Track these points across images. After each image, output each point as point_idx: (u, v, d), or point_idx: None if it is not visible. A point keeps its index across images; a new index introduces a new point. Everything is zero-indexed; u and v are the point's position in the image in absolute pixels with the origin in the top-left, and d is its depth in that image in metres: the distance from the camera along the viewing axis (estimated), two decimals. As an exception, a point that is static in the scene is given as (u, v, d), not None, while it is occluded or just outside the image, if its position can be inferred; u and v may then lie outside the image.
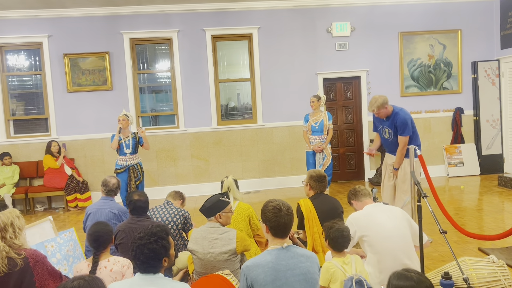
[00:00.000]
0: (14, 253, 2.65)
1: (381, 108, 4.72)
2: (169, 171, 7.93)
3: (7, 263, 2.60)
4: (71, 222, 6.53)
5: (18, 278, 2.62)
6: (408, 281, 1.95)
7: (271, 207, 2.48)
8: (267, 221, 2.48)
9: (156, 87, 8.31)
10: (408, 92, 8.36)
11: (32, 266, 2.68)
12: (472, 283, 3.14)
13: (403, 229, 3.25)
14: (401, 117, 4.68)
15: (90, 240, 2.99)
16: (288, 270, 2.36)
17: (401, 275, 1.99)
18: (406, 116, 4.68)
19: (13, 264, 2.62)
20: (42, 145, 7.57)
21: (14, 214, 2.79)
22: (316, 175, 4.03)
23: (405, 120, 4.65)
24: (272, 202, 2.52)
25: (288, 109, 8.09)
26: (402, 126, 4.66)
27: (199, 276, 3.24)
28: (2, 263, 2.59)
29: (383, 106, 4.71)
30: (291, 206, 2.56)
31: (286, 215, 2.46)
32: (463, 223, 5.30)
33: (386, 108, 4.73)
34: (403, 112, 4.72)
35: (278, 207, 2.46)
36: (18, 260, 2.63)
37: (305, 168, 7.22)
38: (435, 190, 4.19)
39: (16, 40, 7.57)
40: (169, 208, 4.12)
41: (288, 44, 8.07)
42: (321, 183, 3.99)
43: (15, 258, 2.63)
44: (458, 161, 8.37)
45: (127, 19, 7.71)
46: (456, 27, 8.34)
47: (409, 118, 4.71)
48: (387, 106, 4.73)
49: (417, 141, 4.80)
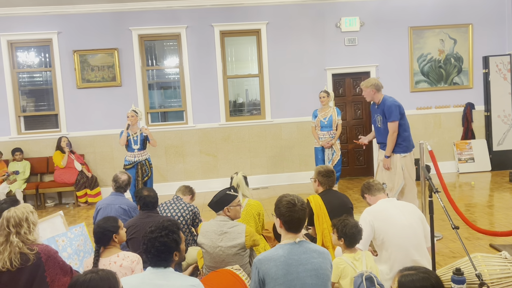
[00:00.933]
0: (27, 248, 2.67)
1: (369, 87, 4.81)
2: (177, 167, 7.96)
3: (19, 258, 2.62)
4: (81, 217, 6.58)
5: (30, 273, 2.64)
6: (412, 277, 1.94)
7: (285, 202, 2.47)
8: (281, 216, 2.47)
9: (164, 83, 8.32)
10: (418, 88, 8.28)
11: (44, 261, 2.70)
12: (484, 279, 3.11)
13: (415, 225, 3.23)
14: (388, 103, 4.74)
15: (94, 236, 3.01)
16: (300, 265, 2.35)
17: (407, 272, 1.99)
18: (394, 102, 4.74)
19: (26, 259, 2.64)
20: (52, 141, 7.63)
21: (28, 209, 2.80)
22: (324, 170, 4.00)
23: (392, 105, 4.70)
24: (286, 197, 2.51)
25: (297, 104, 8.06)
26: (389, 110, 4.71)
27: (208, 271, 3.25)
28: (14, 258, 2.61)
29: (372, 87, 4.79)
30: (305, 201, 2.55)
31: (300, 210, 2.45)
32: (474, 219, 5.25)
33: (373, 92, 4.81)
34: (391, 99, 4.78)
35: (293, 202, 2.45)
36: (31, 255, 2.65)
37: (313, 164, 7.19)
38: (445, 186, 4.15)
39: (26, 37, 7.63)
40: (178, 203, 4.13)
41: (296, 39, 8.03)
42: (329, 178, 3.95)
43: (28, 253, 2.65)
44: (469, 157, 8.29)
45: (136, 15, 7.72)
46: (467, 21, 8.23)
47: (397, 105, 4.73)
48: (375, 90, 4.81)
49: (405, 139, 4.75)
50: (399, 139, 4.74)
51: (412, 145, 4.83)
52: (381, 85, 4.83)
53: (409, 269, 2.01)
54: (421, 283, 1.90)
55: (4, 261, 2.60)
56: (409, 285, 1.92)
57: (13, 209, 2.75)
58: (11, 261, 2.60)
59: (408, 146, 4.77)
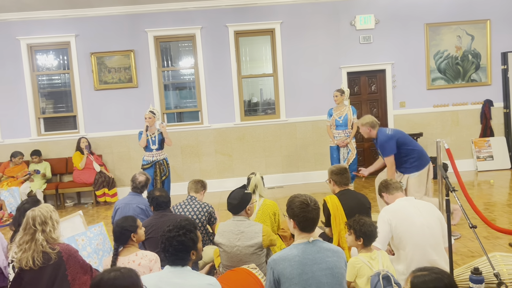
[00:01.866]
0: (49, 247, 2.74)
1: (364, 126, 4.91)
2: (193, 167, 8.02)
3: (42, 257, 2.69)
4: (100, 216, 6.69)
5: (52, 272, 2.71)
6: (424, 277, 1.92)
7: (298, 202, 2.46)
8: (294, 217, 2.46)
9: (180, 84, 8.40)
10: (435, 85, 8.18)
11: (65, 260, 2.76)
12: (503, 279, 3.07)
13: (433, 225, 3.20)
14: (380, 140, 4.82)
15: (113, 236, 3.06)
16: (314, 264, 2.36)
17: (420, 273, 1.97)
18: (386, 138, 4.75)
19: (48, 258, 2.71)
20: (71, 142, 7.78)
21: (50, 208, 2.89)
22: (336, 168, 3.99)
23: (384, 143, 4.75)
24: (298, 197, 2.50)
25: (311, 103, 8.05)
26: (382, 148, 4.80)
27: (225, 270, 3.28)
28: (37, 257, 2.68)
29: (367, 125, 4.89)
30: (317, 201, 2.55)
31: (313, 210, 2.45)
32: (493, 218, 5.17)
33: (369, 130, 4.90)
34: (383, 136, 4.79)
35: (306, 202, 2.45)
36: (52, 254, 2.72)
37: (329, 163, 7.17)
38: (463, 184, 4.10)
39: (45, 40, 7.79)
40: (193, 204, 4.14)
41: (311, 38, 8.01)
42: (343, 175, 3.92)
43: (50, 252, 2.72)
44: (488, 154, 8.16)
45: (151, 17, 7.81)
46: (485, 17, 8.09)
47: (389, 139, 4.72)
48: (370, 128, 4.89)
49: (417, 158, 4.71)
50: (411, 160, 4.74)
51: (426, 160, 4.79)
52: (376, 123, 4.91)
53: (422, 269, 1.99)
54: (434, 284, 1.89)
55: (27, 259, 2.67)
56: (421, 286, 1.91)
57: (37, 208, 2.83)
58: (34, 260, 2.67)
59: (421, 163, 4.76)
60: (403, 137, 4.79)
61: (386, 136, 4.77)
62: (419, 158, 4.75)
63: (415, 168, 4.72)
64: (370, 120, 4.90)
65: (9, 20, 7.65)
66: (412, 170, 4.73)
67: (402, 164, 4.78)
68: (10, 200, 6.89)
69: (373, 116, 5.08)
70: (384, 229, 3.17)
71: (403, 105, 8.17)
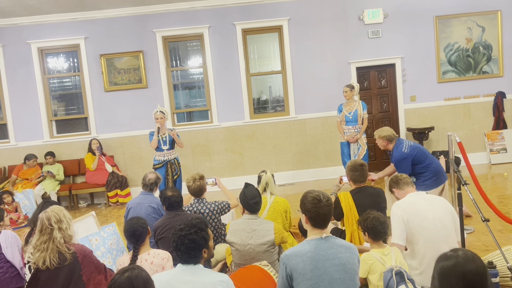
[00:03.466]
0: (65, 247, 2.78)
1: (382, 139, 4.79)
2: (204, 165, 8.06)
3: (57, 257, 2.74)
4: (113, 217, 6.77)
5: (68, 272, 2.76)
6: (452, 260, 1.78)
7: (310, 198, 2.48)
8: (306, 212, 2.48)
9: (189, 83, 8.43)
10: (446, 78, 8.09)
11: (80, 261, 2.81)
12: (518, 273, 3.03)
13: (445, 219, 3.17)
14: (395, 157, 4.69)
15: (127, 236, 3.10)
16: (327, 260, 2.36)
17: (446, 255, 1.83)
18: (401, 156, 4.62)
19: (63, 258, 2.75)
20: (83, 144, 7.87)
21: (61, 207, 2.96)
22: (351, 164, 3.93)
23: (398, 160, 4.63)
24: (311, 193, 2.52)
25: (321, 100, 8.02)
26: (397, 166, 4.69)
27: (237, 268, 3.29)
28: (53, 257, 2.73)
29: (385, 138, 4.77)
30: (330, 197, 2.55)
31: (325, 206, 2.45)
32: (507, 211, 5.11)
33: (386, 143, 4.79)
34: (398, 153, 4.65)
35: (318, 198, 2.46)
36: (68, 255, 2.76)
37: (339, 159, 7.15)
38: (476, 177, 4.06)
39: (55, 43, 7.88)
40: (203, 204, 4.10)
41: (319, 34, 7.97)
42: (356, 172, 3.86)
43: (65, 252, 2.77)
44: (501, 147, 8.05)
45: (159, 17, 7.85)
46: (496, 8, 7.97)
47: (404, 158, 4.59)
48: (387, 142, 4.77)
49: (435, 173, 4.58)
50: (429, 175, 4.61)
51: (442, 179, 4.65)
52: (394, 136, 4.77)
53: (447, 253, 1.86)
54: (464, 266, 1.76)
55: (44, 259, 2.72)
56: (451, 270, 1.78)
57: (48, 209, 2.89)
58: (50, 260, 2.72)
59: (436, 181, 4.63)
60: (419, 154, 4.62)
61: (401, 154, 4.62)
62: (434, 176, 4.62)
63: (425, 187, 4.53)
64: (388, 133, 4.76)
65: (20, 24, 7.76)
66: (423, 188, 4.46)
67: (416, 180, 4.62)
68: (25, 202, 7.00)
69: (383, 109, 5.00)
70: (398, 224, 3.14)
71: (413, 99, 8.10)
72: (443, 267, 1.80)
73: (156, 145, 6.31)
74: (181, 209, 3.84)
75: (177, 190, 3.87)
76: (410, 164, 4.61)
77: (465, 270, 1.74)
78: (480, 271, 1.75)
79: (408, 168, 4.59)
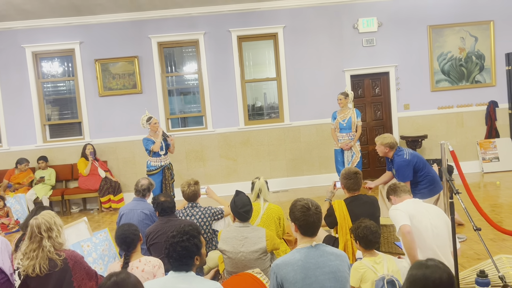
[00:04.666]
0: (55, 253, 2.75)
1: (383, 146, 4.76)
2: (198, 171, 8.04)
3: (48, 264, 2.71)
4: (105, 222, 6.72)
5: (58, 279, 2.72)
6: (421, 270, 1.90)
7: (299, 206, 2.48)
8: (295, 220, 2.48)
9: (184, 89, 8.43)
10: (439, 87, 8.16)
11: (71, 267, 2.78)
12: (508, 281, 3.05)
13: (440, 227, 3.18)
14: (397, 163, 4.67)
15: (118, 242, 3.08)
16: (317, 268, 2.36)
17: (419, 263, 1.96)
18: (403, 162, 4.61)
19: (53, 264, 2.72)
20: (76, 149, 7.82)
21: (52, 214, 2.91)
22: (346, 172, 3.90)
23: (401, 167, 4.62)
24: (300, 201, 2.52)
25: (315, 107, 8.05)
26: (398, 172, 4.68)
27: (230, 275, 3.28)
28: (43, 264, 2.69)
29: (387, 145, 4.74)
30: (319, 205, 2.55)
31: (314, 214, 2.46)
32: (499, 220, 5.13)
33: (387, 150, 4.76)
34: (400, 159, 4.65)
35: (307, 206, 2.46)
36: (58, 261, 2.73)
37: (333, 166, 7.17)
38: (468, 186, 4.08)
39: (50, 48, 7.85)
40: (197, 209, 4.11)
41: (314, 41, 8.02)
42: (350, 180, 3.82)
43: (56, 259, 2.73)
44: (493, 156, 8.11)
45: (155, 23, 7.86)
46: (488, 18, 8.07)
47: (406, 164, 4.59)
48: (389, 149, 4.75)
49: (432, 182, 4.62)
50: (426, 184, 4.64)
51: (437, 188, 4.67)
52: (395, 143, 4.76)
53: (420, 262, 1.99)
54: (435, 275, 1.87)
55: (34, 267, 2.69)
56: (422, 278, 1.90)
57: (39, 216, 2.84)
58: (40, 267, 2.68)
59: (436, 187, 4.66)
60: (419, 162, 4.64)
61: (403, 161, 4.60)
62: (431, 185, 4.64)
63: (421, 195, 4.52)
64: (391, 140, 4.74)
65: (14, 28, 7.73)
66: (419, 196, 4.41)
67: (411, 188, 4.60)
68: (16, 207, 6.94)
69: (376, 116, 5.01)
70: (400, 214, 3.12)
71: (407, 107, 8.15)
72: (412, 275, 1.92)
73: (159, 149, 6.29)
74: (174, 215, 3.83)
75: (169, 196, 3.88)
76: (412, 171, 4.61)
77: (430, 281, 1.85)
78: (445, 284, 1.85)
79: (410, 175, 4.59)
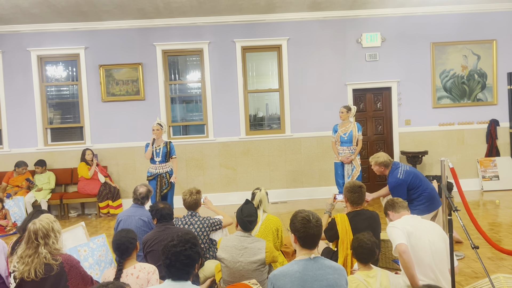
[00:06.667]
0: (52, 258, 2.73)
1: (378, 165, 4.79)
2: (197, 180, 8.03)
3: (43, 268, 2.69)
4: (103, 228, 6.70)
5: (53, 283, 2.70)
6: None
7: (300, 217, 2.48)
8: (296, 231, 2.49)
9: (187, 97, 8.47)
10: (441, 104, 8.19)
11: (67, 271, 2.76)
12: (506, 302, 3.03)
13: (438, 244, 3.17)
14: (390, 183, 4.69)
15: (113, 247, 3.06)
16: (315, 281, 2.35)
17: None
18: (394, 182, 4.62)
19: (49, 269, 2.70)
20: (77, 153, 7.83)
21: (51, 219, 2.87)
22: (350, 186, 3.88)
23: (393, 187, 4.63)
24: (301, 212, 2.52)
25: (317, 119, 8.07)
26: (392, 190, 4.68)
27: (226, 285, 3.26)
28: (39, 268, 2.68)
29: (382, 164, 4.77)
30: (320, 218, 2.55)
31: (315, 227, 2.46)
32: (498, 239, 5.12)
33: (382, 169, 4.79)
34: (392, 177, 4.66)
35: (308, 218, 2.46)
36: (54, 266, 2.71)
37: (333, 179, 7.16)
38: (467, 204, 4.08)
39: (55, 52, 7.91)
40: (196, 218, 4.10)
41: (317, 55, 8.08)
42: (354, 194, 3.80)
43: (52, 263, 2.72)
44: (493, 174, 8.10)
45: (160, 31, 7.93)
46: (491, 37, 8.13)
47: (399, 184, 4.59)
48: (384, 168, 4.78)
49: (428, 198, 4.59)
50: (423, 200, 4.62)
51: (438, 203, 4.64)
52: (389, 162, 4.78)
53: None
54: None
55: (29, 271, 2.67)
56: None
57: (37, 221, 2.80)
58: (36, 271, 2.66)
59: (433, 203, 4.64)
60: (414, 179, 4.62)
61: (396, 181, 4.61)
62: (428, 201, 4.61)
63: (419, 211, 4.48)
64: (384, 159, 4.76)
65: (21, 31, 7.80)
66: (416, 212, 4.34)
67: (408, 204, 4.50)
68: (14, 209, 6.93)
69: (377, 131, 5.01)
70: (398, 232, 3.11)
71: (408, 123, 8.17)
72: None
73: (150, 156, 6.32)
74: (171, 222, 3.82)
75: (168, 203, 3.87)
76: (406, 190, 4.60)
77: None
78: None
79: (404, 194, 4.57)
